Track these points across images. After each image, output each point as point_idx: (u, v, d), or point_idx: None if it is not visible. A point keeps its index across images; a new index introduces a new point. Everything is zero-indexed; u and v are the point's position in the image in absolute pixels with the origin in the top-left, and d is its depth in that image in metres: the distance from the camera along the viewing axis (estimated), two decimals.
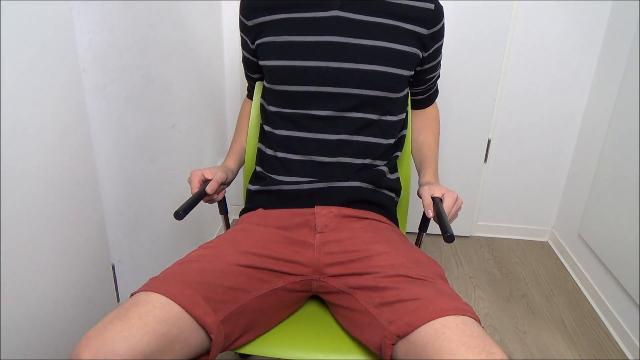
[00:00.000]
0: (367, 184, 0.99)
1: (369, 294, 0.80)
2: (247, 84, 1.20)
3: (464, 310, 0.70)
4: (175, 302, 0.70)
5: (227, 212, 1.11)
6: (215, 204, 1.06)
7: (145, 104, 1.18)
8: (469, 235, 2.20)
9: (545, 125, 1.97)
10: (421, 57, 1.00)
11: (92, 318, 0.99)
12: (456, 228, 2.18)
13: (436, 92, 1.17)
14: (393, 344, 0.72)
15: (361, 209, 0.98)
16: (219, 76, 1.81)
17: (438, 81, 1.15)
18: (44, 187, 0.80)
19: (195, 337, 0.72)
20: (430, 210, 0.89)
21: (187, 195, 1.49)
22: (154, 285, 0.72)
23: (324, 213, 0.95)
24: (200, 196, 0.94)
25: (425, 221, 1.01)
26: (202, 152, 1.67)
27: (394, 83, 0.96)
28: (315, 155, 0.97)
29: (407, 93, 1.08)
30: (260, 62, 0.98)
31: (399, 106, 1.02)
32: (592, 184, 1.81)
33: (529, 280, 1.88)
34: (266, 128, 1.03)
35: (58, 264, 0.86)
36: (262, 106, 1.06)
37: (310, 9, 0.94)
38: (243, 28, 1.02)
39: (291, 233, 0.93)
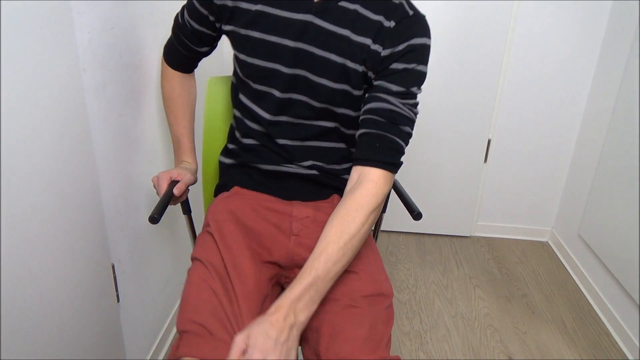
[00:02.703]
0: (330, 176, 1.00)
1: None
2: (173, 52, 1.04)
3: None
4: None
5: (190, 212, 1.09)
6: (179, 205, 1.06)
7: (145, 103, 1.18)
8: (469, 235, 2.20)
9: (545, 126, 1.97)
10: (370, 76, 0.88)
11: (92, 318, 0.99)
12: (456, 228, 2.18)
13: (387, 146, 0.84)
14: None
15: (332, 193, 0.99)
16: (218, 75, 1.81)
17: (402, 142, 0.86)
18: (44, 187, 0.80)
19: None
20: None
21: None
22: (185, 350, 0.73)
23: (301, 217, 0.95)
24: (169, 198, 0.93)
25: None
26: (201, 152, 1.67)
27: (353, 101, 0.91)
28: (276, 164, 0.97)
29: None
30: (235, 52, 0.94)
31: (357, 121, 0.94)
32: (592, 184, 1.81)
33: (529, 280, 1.89)
34: (236, 114, 1.01)
35: (58, 263, 0.86)
36: (234, 88, 1.02)
37: (286, 7, 0.87)
38: (205, 2, 0.92)
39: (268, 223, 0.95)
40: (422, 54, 0.85)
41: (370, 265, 0.89)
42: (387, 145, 0.83)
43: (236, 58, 0.95)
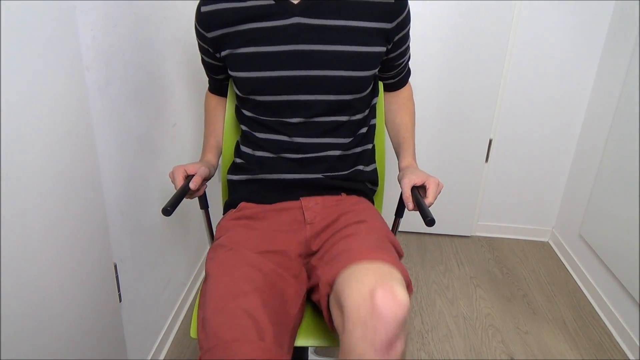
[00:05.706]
0: (344, 174, 1.03)
1: (325, 268, 0.83)
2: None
3: (382, 259, 0.75)
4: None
5: (207, 207, 1.11)
6: (196, 200, 1.08)
7: (147, 102, 1.17)
8: (469, 235, 2.20)
9: (546, 126, 1.97)
10: (386, 50, 1.00)
11: (94, 317, 0.98)
12: (457, 228, 2.18)
13: (408, 73, 1.16)
14: (327, 294, 0.77)
15: (341, 192, 1.03)
16: None
17: (410, 64, 1.16)
18: (46, 185, 0.79)
19: None
20: (410, 203, 0.92)
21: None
22: (224, 351, 0.70)
23: (310, 206, 0.98)
24: (185, 192, 0.94)
25: (401, 207, 1.06)
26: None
27: (360, 85, 0.98)
28: (291, 154, 1.00)
29: (373, 86, 1.07)
30: (230, 73, 0.98)
31: (365, 102, 1.04)
32: (593, 184, 1.81)
33: (530, 280, 1.89)
34: (243, 128, 1.05)
35: (60, 263, 0.85)
36: (237, 108, 1.07)
37: (271, 18, 0.93)
38: (201, 38, 0.99)
39: (282, 229, 0.96)
40: (410, 15, 1.01)
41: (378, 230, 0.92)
42: (407, 77, 1.16)
43: (235, 80, 0.99)
